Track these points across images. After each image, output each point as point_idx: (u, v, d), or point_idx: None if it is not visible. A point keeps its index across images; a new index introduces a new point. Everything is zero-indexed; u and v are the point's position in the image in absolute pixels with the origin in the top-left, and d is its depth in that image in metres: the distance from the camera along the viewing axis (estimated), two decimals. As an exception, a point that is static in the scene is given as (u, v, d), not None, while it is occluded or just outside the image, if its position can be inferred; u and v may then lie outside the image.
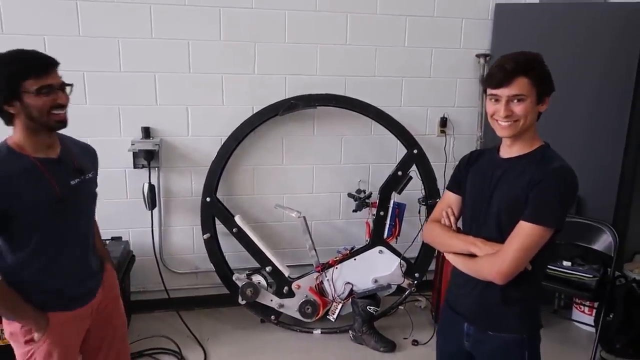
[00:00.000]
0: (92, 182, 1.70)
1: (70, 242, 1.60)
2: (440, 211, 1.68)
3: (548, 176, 1.40)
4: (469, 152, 1.69)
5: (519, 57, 1.42)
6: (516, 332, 1.52)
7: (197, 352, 2.79)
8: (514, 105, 1.42)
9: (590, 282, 2.82)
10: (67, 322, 1.60)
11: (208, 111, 3.00)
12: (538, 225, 1.39)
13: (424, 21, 3.17)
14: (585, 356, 2.81)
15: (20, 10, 2.67)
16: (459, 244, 1.56)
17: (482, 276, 1.49)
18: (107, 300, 1.76)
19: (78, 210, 1.61)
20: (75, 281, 1.62)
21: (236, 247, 3.01)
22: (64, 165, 1.57)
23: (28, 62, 1.46)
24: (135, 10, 2.79)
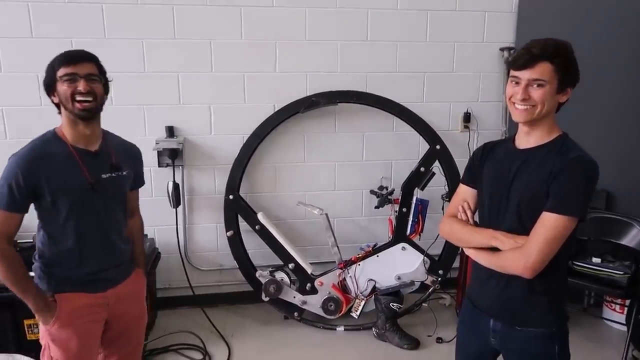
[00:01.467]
0: (125, 179, 1.76)
1: (95, 229, 1.68)
2: (455, 206, 1.65)
3: (569, 166, 1.37)
4: (482, 145, 1.66)
5: (547, 42, 1.39)
6: (545, 326, 1.49)
7: (221, 347, 2.82)
8: (532, 90, 1.39)
9: (621, 279, 2.74)
10: (80, 304, 1.67)
11: (230, 110, 3.03)
12: (562, 215, 1.36)
13: (446, 15, 3.13)
14: (617, 355, 2.73)
15: (48, 14, 2.74)
16: (479, 239, 1.52)
17: (507, 271, 1.46)
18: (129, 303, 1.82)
19: (106, 201, 1.69)
20: (95, 266, 1.70)
21: (259, 245, 3.03)
22: (100, 159, 1.67)
23: (63, 54, 1.59)
24: (158, 11, 2.84)
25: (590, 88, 3.00)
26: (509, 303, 1.51)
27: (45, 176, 1.57)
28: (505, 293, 1.51)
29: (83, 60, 1.59)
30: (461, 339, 1.74)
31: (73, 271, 1.68)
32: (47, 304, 1.63)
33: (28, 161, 1.56)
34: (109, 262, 1.74)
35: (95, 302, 1.71)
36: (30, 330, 2.47)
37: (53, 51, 2.80)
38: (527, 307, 1.49)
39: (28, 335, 2.47)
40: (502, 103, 3.26)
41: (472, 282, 1.68)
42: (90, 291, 1.70)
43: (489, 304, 1.56)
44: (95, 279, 1.71)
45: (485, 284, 1.56)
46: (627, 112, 2.99)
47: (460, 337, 1.75)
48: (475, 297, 1.63)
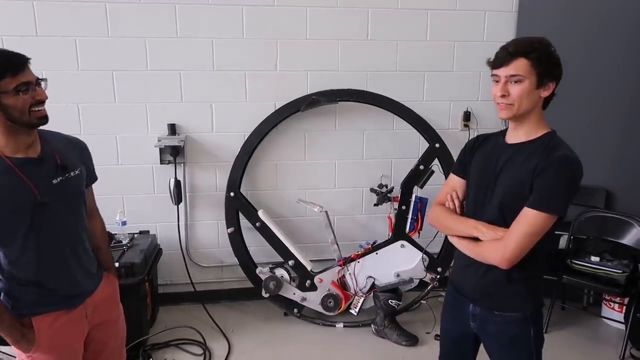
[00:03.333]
0: (78, 179, 1.60)
1: (57, 241, 1.54)
2: (444, 194, 1.70)
3: (554, 163, 1.40)
4: (475, 137, 1.70)
5: (523, 40, 1.44)
6: (521, 311, 1.55)
7: (221, 343, 2.85)
8: (511, 87, 1.43)
9: (619, 277, 2.75)
10: (60, 324, 1.56)
11: (231, 108, 3.06)
12: (542, 212, 1.40)
13: (446, 15, 3.15)
14: (615, 353, 2.75)
15: (53, 14, 2.78)
16: (462, 228, 1.57)
17: (486, 260, 1.51)
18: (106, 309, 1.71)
19: (63, 208, 1.54)
20: (65, 280, 1.57)
21: (260, 242, 3.06)
22: (45, 164, 1.51)
23: (5, 60, 1.38)
24: (161, 10, 2.88)
25: (591, 87, 3.01)
26: (488, 289, 1.57)
27: None
28: (484, 279, 1.57)
29: (26, 63, 1.42)
30: (445, 324, 1.80)
31: (45, 291, 1.53)
32: (23, 334, 1.49)
33: None
34: (80, 273, 1.61)
35: (74, 317, 1.60)
36: None
37: (57, 49, 2.84)
38: (504, 293, 1.55)
39: None
40: (502, 102, 3.27)
41: (454, 268, 1.74)
42: (68, 307, 1.58)
43: (469, 289, 1.62)
44: (70, 294, 1.59)
45: (466, 270, 1.62)
46: (628, 111, 2.99)
47: (444, 322, 1.80)
48: (457, 283, 1.70)
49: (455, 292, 1.69)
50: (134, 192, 3.06)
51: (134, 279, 2.58)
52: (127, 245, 2.78)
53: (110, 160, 2.98)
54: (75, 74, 2.86)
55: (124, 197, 3.04)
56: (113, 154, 3.00)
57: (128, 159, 3.02)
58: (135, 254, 2.69)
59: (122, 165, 3.02)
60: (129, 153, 3.02)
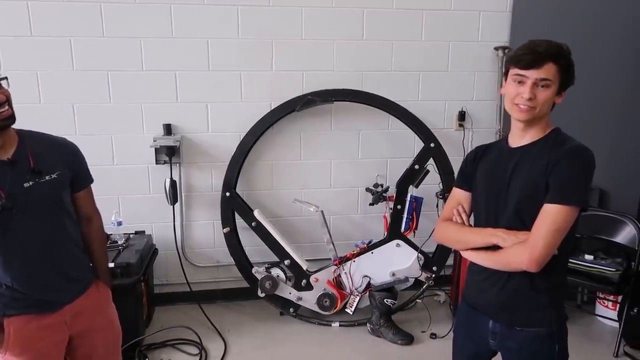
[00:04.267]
0: (54, 184, 1.54)
1: (26, 246, 1.49)
2: (450, 209, 1.64)
3: (566, 156, 1.38)
4: (475, 148, 1.67)
5: (550, 43, 1.39)
6: (545, 326, 1.48)
7: (218, 343, 2.85)
8: (538, 90, 1.39)
9: (613, 276, 2.77)
10: (33, 327, 1.52)
11: (227, 108, 3.06)
12: (564, 205, 1.36)
13: (441, 15, 3.16)
14: (609, 351, 2.77)
15: (47, 13, 2.77)
16: (478, 238, 1.51)
17: (512, 267, 1.44)
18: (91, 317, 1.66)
19: (33, 213, 1.49)
20: (37, 285, 1.53)
21: (255, 241, 3.06)
22: (17, 167, 1.46)
23: None
24: (156, 10, 2.88)
25: (586, 87, 3.03)
26: (508, 303, 1.50)
27: None
28: (504, 293, 1.49)
29: None
30: (458, 340, 1.72)
31: (16, 293, 1.50)
32: None
33: None
34: (55, 279, 1.56)
35: (49, 323, 1.55)
36: None
37: (52, 50, 2.85)
38: (527, 306, 1.48)
39: None
40: (496, 102, 3.29)
41: (468, 283, 1.66)
42: (42, 312, 1.53)
43: (487, 304, 1.55)
44: (43, 299, 1.54)
45: (483, 284, 1.55)
46: (621, 111, 3.02)
47: (457, 338, 1.73)
48: (472, 299, 1.62)
49: (469, 309, 1.61)
50: (129, 193, 3.06)
51: (129, 279, 2.58)
52: (123, 246, 2.77)
53: (105, 161, 2.98)
54: (70, 74, 2.85)
55: (120, 197, 3.04)
56: (108, 154, 2.99)
57: (124, 159, 3.02)
58: (131, 254, 2.69)
59: (117, 165, 3.01)
60: (125, 153, 3.02)
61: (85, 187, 1.69)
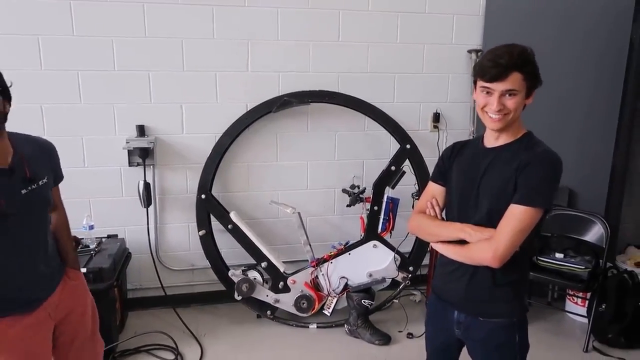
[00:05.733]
0: (46, 188, 1.59)
1: (15, 251, 1.51)
2: (424, 202, 1.70)
3: (535, 159, 1.44)
4: (452, 145, 1.72)
5: (513, 51, 1.42)
6: (506, 317, 1.56)
7: (194, 347, 2.81)
8: (505, 100, 1.44)
9: (582, 273, 2.86)
10: (19, 329, 1.53)
11: (202, 109, 3.02)
12: (529, 207, 1.42)
13: (416, 17, 3.20)
14: (579, 346, 2.85)
15: (14, 10, 2.68)
16: (447, 232, 1.58)
17: (475, 261, 1.51)
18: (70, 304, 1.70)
19: (28, 220, 1.53)
20: (22, 287, 1.54)
21: (232, 244, 3.03)
22: (15, 174, 1.48)
23: None
24: (129, 9, 2.81)
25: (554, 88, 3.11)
26: (473, 295, 1.57)
27: None
28: (469, 285, 1.57)
29: None
30: (429, 332, 1.80)
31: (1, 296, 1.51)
32: None
33: None
34: (38, 279, 1.58)
35: (36, 320, 1.57)
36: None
37: (19, 49, 2.75)
38: (490, 298, 1.56)
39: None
40: (470, 104, 3.35)
41: (437, 275, 1.73)
42: (27, 311, 1.55)
43: (455, 295, 1.62)
44: (27, 299, 1.56)
45: (450, 276, 1.62)
46: (588, 111, 3.11)
47: (428, 330, 1.81)
48: (440, 290, 1.69)
49: (438, 300, 1.69)
50: (101, 195, 2.99)
51: (102, 284, 2.51)
52: (95, 250, 2.70)
53: (76, 163, 2.90)
54: (38, 74, 2.76)
55: (91, 200, 2.96)
56: (79, 157, 2.91)
57: (95, 162, 2.94)
58: (103, 259, 2.62)
59: (88, 167, 2.93)
60: (96, 155, 2.94)
61: (58, 183, 1.73)
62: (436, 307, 1.71)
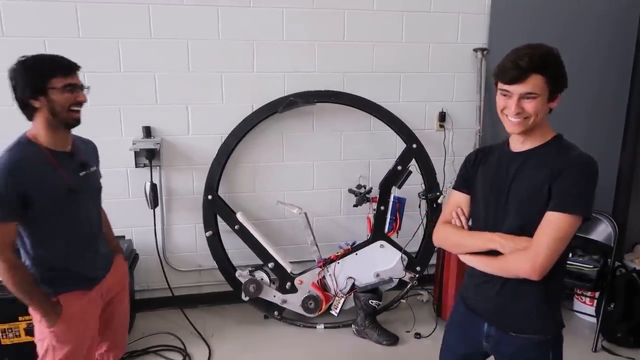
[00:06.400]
0: (96, 174, 1.89)
1: (81, 228, 1.76)
2: (449, 212, 1.62)
3: (570, 165, 1.37)
4: (475, 150, 1.65)
5: (534, 53, 1.36)
6: (541, 333, 1.47)
7: (201, 348, 2.81)
8: (525, 103, 1.38)
9: (590, 272, 2.85)
10: (82, 302, 1.75)
11: (208, 110, 3.02)
12: (568, 214, 1.34)
13: (421, 17, 3.19)
14: (587, 346, 2.84)
15: (21, 13, 2.69)
16: (476, 243, 1.49)
17: (511, 274, 1.42)
18: (117, 288, 1.95)
19: (86, 199, 1.78)
20: (85, 264, 1.78)
21: (238, 244, 3.03)
22: (75, 159, 1.75)
23: (56, 62, 1.65)
24: (134, 10, 2.81)
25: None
26: (505, 308, 1.49)
27: (28, 183, 1.59)
28: (501, 298, 1.49)
29: (76, 69, 1.69)
30: (450, 340, 1.71)
31: (69, 272, 1.73)
32: (53, 307, 1.68)
33: (10, 172, 1.57)
34: (97, 257, 1.83)
35: (94, 297, 1.80)
36: (5, 334, 2.42)
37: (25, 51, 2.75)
38: (523, 312, 1.47)
39: (2, 339, 2.42)
40: (476, 102, 3.33)
41: (466, 284, 1.64)
42: (88, 288, 1.78)
43: (484, 308, 1.54)
44: (89, 276, 1.79)
45: (481, 287, 1.54)
46: (597, 112, 3.10)
47: (449, 338, 1.72)
48: (470, 300, 1.61)
49: (466, 310, 1.60)
50: (108, 197, 2.90)
51: (110, 285, 2.53)
52: (103, 251, 2.72)
53: (83, 164, 2.90)
54: (45, 76, 2.77)
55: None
56: (86, 158, 2.91)
57: (102, 163, 2.89)
58: (111, 260, 2.64)
59: (95, 169, 2.94)
60: (103, 157, 2.86)
61: None
62: (464, 317, 1.62)
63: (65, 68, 1.65)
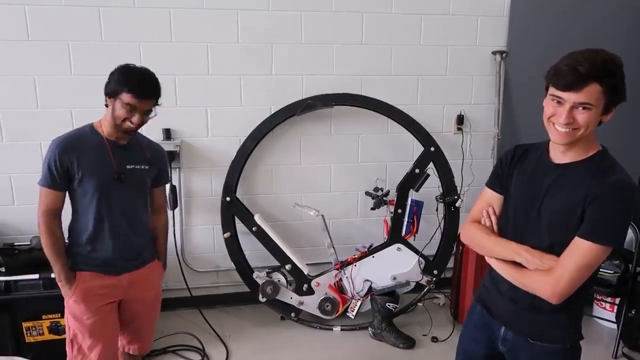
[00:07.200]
0: (146, 173, 1.99)
1: (116, 215, 1.90)
2: (479, 210, 1.57)
3: (607, 191, 1.29)
4: (513, 147, 1.55)
5: (596, 58, 1.26)
6: (559, 342, 1.46)
7: (219, 349, 2.84)
8: (577, 113, 1.28)
9: (611, 278, 2.80)
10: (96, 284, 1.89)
11: (227, 112, 3.05)
12: (597, 244, 1.29)
13: (440, 19, 3.18)
14: (607, 353, 2.80)
15: (45, 17, 2.74)
16: (503, 251, 1.45)
17: (532, 291, 1.40)
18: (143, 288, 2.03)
19: (128, 189, 1.91)
20: (110, 250, 1.90)
21: (256, 246, 3.05)
22: (127, 151, 1.92)
23: (137, 82, 1.81)
24: (155, 14, 2.86)
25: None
26: (525, 316, 1.48)
27: (76, 159, 1.81)
28: (521, 303, 1.47)
29: (149, 97, 1.85)
30: (466, 341, 1.70)
31: (91, 253, 1.89)
32: (68, 277, 1.86)
33: (62, 145, 1.82)
34: (123, 249, 1.93)
35: (109, 284, 1.92)
36: (29, 332, 2.47)
37: (50, 54, 2.81)
38: (543, 321, 1.46)
39: (27, 337, 2.48)
40: (494, 105, 3.31)
41: (486, 286, 1.61)
42: (107, 273, 1.91)
43: (505, 312, 1.52)
44: (110, 263, 1.91)
45: (501, 290, 1.52)
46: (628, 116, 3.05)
47: (465, 339, 1.70)
48: (488, 303, 1.59)
49: (483, 312, 1.58)
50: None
51: (131, 285, 2.58)
52: (123, 252, 2.77)
53: (104, 166, 2.95)
54: (68, 79, 2.82)
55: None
56: (107, 160, 2.96)
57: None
58: (131, 261, 2.68)
59: (116, 170, 2.98)
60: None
61: (161, 184, 2.14)
62: (481, 318, 1.60)
63: (138, 91, 1.80)
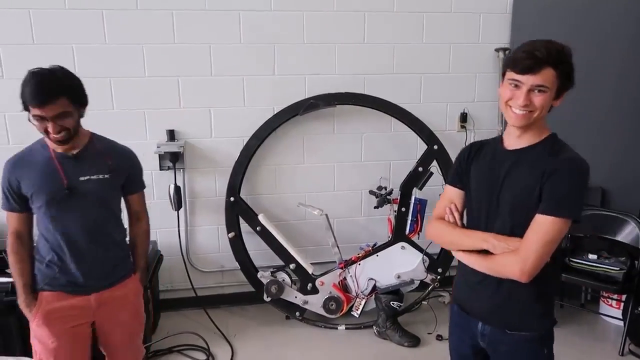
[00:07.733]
0: (104, 182, 1.77)
1: (76, 231, 1.74)
2: (443, 208, 1.61)
3: (562, 167, 1.37)
4: (469, 145, 1.63)
5: (551, 46, 1.34)
6: (535, 330, 1.49)
7: (224, 348, 2.85)
8: (534, 95, 1.36)
9: (617, 275, 2.79)
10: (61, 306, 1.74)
11: (230, 113, 3.07)
12: (558, 217, 1.35)
13: (442, 17, 3.18)
14: (614, 350, 2.79)
15: (49, 21, 2.77)
16: (469, 241, 1.49)
17: (502, 275, 1.44)
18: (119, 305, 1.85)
19: (85, 203, 1.74)
20: (78, 269, 1.75)
21: (260, 246, 3.07)
22: (80, 162, 1.73)
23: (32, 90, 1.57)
24: (158, 17, 2.87)
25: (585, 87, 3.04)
26: (500, 308, 1.51)
27: (23, 179, 1.69)
28: (495, 298, 1.50)
29: (52, 99, 1.57)
30: (454, 341, 1.73)
31: (57, 272, 1.75)
32: (28, 300, 1.74)
33: (9, 166, 1.72)
34: (92, 266, 1.77)
35: (77, 304, 1.77)
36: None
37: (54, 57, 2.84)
38: (518, 311, 1.49)
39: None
40: (498, 103, 3.29)
41: (458, 285, 1.65)
42: (71, 293, 1.76)
43: (478, 307, 1.56)
44: (77, 282, 1.76)
45: (474, 289, 1.55)
46: (621, 111, 3.03)
47: (452, 339, 1.74)
48: (463, 301, 1.62)
49: (460, 311, 1.62)
50: (133, 199, 3.05)
51: (136, 286, 2.58)
52: (128, 252, 2.78)
53: (109, 167, 2.97)
54: (72, 82, 2.84)
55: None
56: (112, 161, 2.98)
57: (127, 166, 3.01)
58: (136, 261, 2.69)
59: (121, 172, 3.01)
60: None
61: (136, 191, 1.94)
62: (460, 318, 1.63)
63: (37, 99, 1.56)
